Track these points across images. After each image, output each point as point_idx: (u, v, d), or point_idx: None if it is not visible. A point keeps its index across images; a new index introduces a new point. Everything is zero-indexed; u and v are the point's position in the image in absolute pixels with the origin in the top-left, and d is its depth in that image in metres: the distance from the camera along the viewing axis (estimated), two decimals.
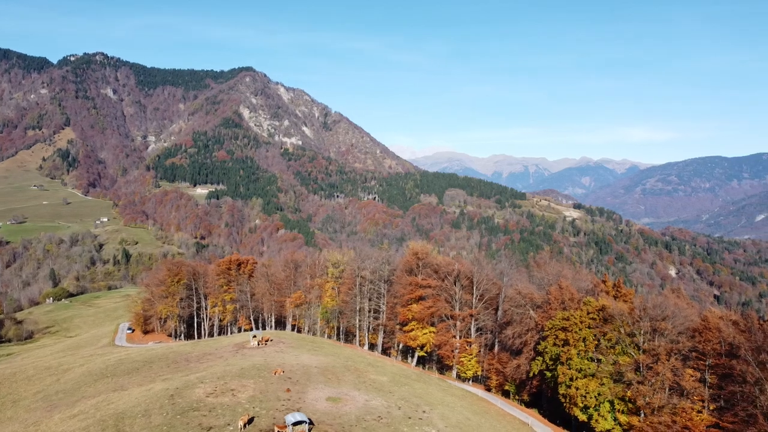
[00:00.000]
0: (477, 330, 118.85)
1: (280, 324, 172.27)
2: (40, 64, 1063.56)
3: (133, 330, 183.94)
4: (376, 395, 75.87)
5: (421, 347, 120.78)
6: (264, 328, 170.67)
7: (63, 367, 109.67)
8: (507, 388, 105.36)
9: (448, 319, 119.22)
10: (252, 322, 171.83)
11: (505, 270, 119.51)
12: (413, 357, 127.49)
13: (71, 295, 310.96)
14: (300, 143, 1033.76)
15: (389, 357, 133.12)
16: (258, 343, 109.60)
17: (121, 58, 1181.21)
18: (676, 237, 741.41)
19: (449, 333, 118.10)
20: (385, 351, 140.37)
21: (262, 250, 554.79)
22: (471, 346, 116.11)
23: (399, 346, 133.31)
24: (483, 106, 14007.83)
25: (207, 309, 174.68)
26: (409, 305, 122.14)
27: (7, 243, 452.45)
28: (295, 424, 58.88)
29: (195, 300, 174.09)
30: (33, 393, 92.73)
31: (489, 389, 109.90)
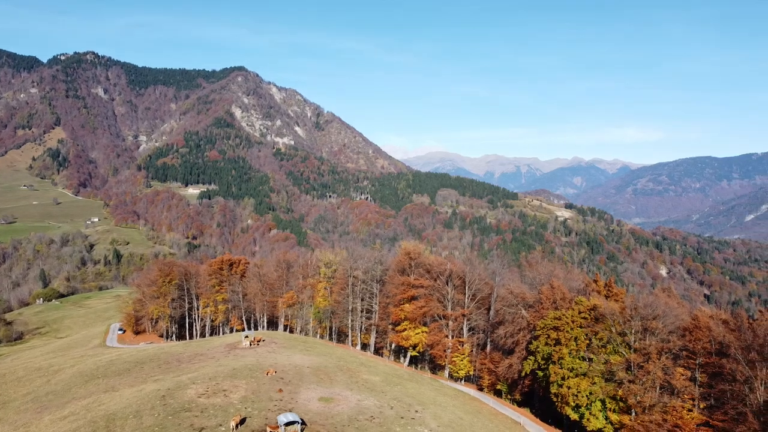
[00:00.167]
0: (469, 330, 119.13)
1: (272, 324, 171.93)
2: (29, 63, 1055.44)
3: (125, 331, 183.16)
4: (368, 395, 75.88)
5: (414, 347, 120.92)
6: (256, 328, 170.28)
7: (53, 368, 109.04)
8: (499, 387, 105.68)
9: (440, 319, 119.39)
10: (244, 322, 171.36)
11: (497, 270, 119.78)
12: (405, 357, 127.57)
13: (62, 296, 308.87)
14: (292, 143, 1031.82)
15: (382, 357, 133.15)
16: (250, 344, 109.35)
17: (112, 57, 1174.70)
18: (666, 237, 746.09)
19: (441, 333, 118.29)
20: (378, 351, 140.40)
21: (254, 250, 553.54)
22: (463, 345, 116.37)
23: (391, 345, 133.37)
24: (475, 106, 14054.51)
25: (199, 309, 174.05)
26: (402, 305, 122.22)
27: None
28: (288, 424, 58.77)
29: (186, 300, 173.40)
30: (23, 394, 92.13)
31: (481, 389, 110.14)
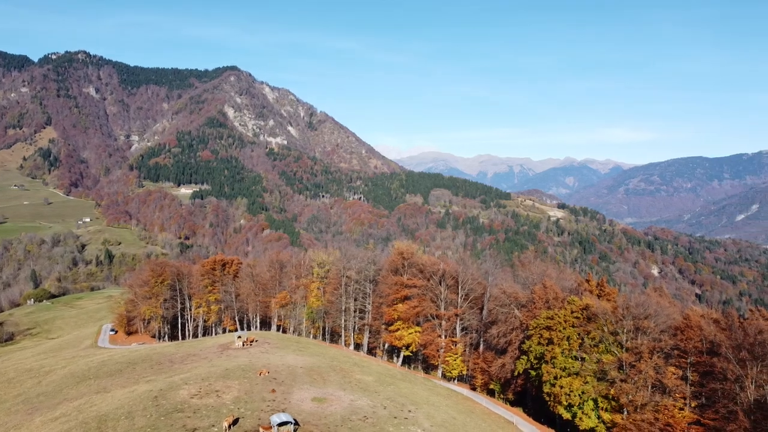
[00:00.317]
0: (462, 329, 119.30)
1: (265, 324, 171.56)
2: (20, 62, 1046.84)
3: (116, 331, 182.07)
4: (361, 395, 75.83)
5: (407, 347, 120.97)
6: (249, 328, 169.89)
7: (44, 369, 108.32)
8: (492, 387, 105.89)
9: (433, 319, 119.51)
10: (237, 322, 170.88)
11: (490, 269, 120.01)
12: (399, 357, 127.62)
13: (53, 297, 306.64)
14: (285, 143, 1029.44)
15: (375, 357, 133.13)
16: (243, 344, 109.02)
17: (104, 56, 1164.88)
18: (658, 236, 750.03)
19: (435, 332, 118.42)
20: (371, 351, 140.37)
21: (247, 250, 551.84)
22: (456, 345, 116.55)
23: (384, 345, 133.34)
24: (468, 106, 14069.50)
25: (191, 310, 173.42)
26: (395, 305, 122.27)
27: None
28: (281, 424, 58.63)
29: (179, 301, 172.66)
30: (13, 396, 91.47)
31: (474, 388, 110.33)
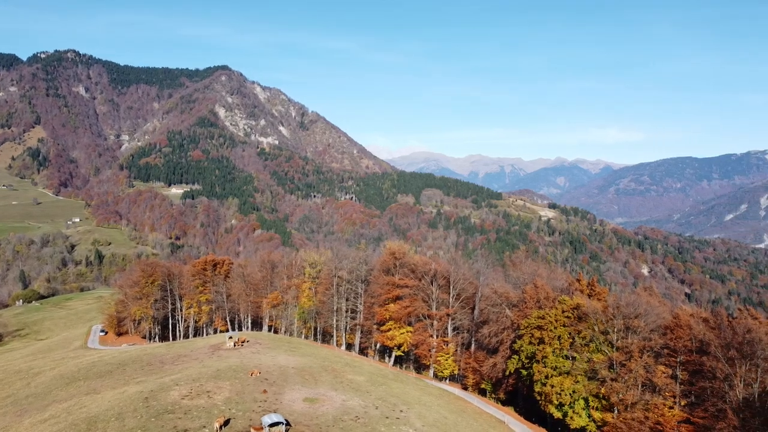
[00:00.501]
0: (454, 329, 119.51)
1: (256, 325, 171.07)
2: (9, 61, 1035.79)
3: (106, 332, 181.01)
4: (353, 395, 75.78)
5: (399, 347, 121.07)
6: (240, 329, 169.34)
7: (33, 371, 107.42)
8: (483, 386, 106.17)
9: (425, 319, 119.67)
10: (228, 323, 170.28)
11: (482, 269, 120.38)
12: (390, 357, 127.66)
13: (42, 297, 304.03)
14: (277, 143, 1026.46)
15: (366, 357, 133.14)
16: (234, 345, 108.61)
17: (94, 55, 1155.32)
18: (648, 236, 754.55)
19: (426, 332, 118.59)
20: (363, 351, 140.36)
21: (238, 250, 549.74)
22: (448, 345, 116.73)
23: (376, 345, 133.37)
24: (459, 106, 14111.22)
25: (182, 310, 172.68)
26: (387, 305, 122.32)
27: None
28: (272, 425, 58.47)
29: (170, 301, 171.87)
30: (2, 398, 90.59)
31: (466, 388, 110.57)
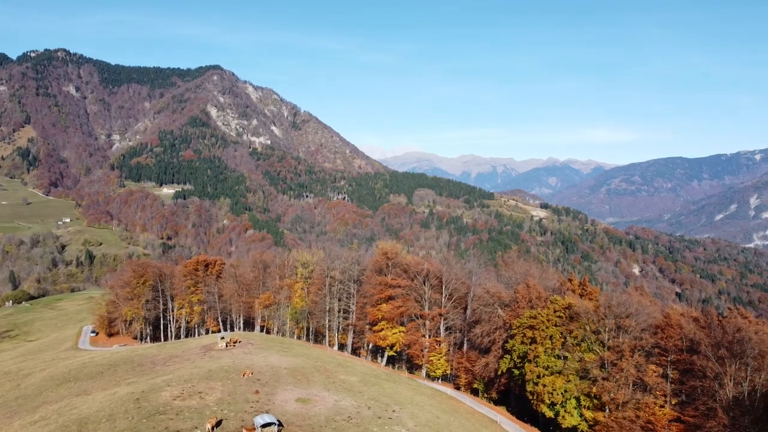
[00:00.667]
0: (446, 329, 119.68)
1: (248, 325, 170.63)
2: None
3: (97, 333, 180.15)
4: (345, 395, 75.76)
5: (391, 347, 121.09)
6: (232, 329, 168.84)
7: (23, 372, 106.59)
8: (476, 386, 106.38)
9: (417, 319, 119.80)
10: (220, 323, 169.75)
11: (474, 269, 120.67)
12: (383, 357, 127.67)
13: (32, 298, 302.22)
14: (269, 143, 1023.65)
15: (359, 357, 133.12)
16: (226, 345, 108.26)
17: (84, 54, 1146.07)
18: (639, 236, 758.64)
19: (419, 332, 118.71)
20: (355, 351, 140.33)
21: (230, 250, 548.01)
22: (440, 345, 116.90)
23: (369, 346, 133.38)
24: (451, 106, 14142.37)
25: (174, 311, 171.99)
26: (379, 305, 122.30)
27: None
28: (264, 425, 58.37)
29: (161, 302, 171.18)
30: None
31: (458, 388, 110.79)
